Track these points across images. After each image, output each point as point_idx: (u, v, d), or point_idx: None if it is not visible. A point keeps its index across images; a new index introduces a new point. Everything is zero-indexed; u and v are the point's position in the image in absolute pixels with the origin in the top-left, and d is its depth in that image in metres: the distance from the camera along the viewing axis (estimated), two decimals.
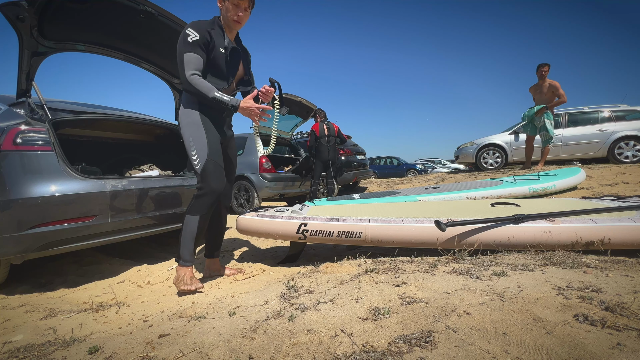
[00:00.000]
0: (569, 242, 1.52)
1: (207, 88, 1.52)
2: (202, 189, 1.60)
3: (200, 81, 1.52)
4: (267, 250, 2.53)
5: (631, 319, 0.76)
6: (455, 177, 5.93)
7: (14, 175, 1.57)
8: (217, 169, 1.61)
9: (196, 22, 1.58)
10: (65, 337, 1.09)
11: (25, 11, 1.64)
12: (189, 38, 1.52)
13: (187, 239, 1.60)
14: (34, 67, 1.86)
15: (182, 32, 1.55)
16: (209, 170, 1.59)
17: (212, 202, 1.61)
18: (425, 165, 16.17)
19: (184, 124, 1.64)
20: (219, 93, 1.53)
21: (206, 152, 1.59)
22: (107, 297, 1.68)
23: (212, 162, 1.60)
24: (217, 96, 1.52)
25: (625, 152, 5.54)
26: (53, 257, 2.24)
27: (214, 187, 1.60)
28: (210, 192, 1.59)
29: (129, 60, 2.37)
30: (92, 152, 2.95)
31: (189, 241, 1.60)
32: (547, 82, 4.88)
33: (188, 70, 1.52)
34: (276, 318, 0.97)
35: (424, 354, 0.71)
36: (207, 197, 1.59)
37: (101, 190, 1.80)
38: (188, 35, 1.52)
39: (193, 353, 0.82)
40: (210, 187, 1.59)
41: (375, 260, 1.57)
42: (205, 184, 1.59)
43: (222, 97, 1.53)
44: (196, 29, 1.54)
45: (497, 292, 0.98)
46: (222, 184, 1.63)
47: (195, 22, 1.59)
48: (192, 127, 1.62)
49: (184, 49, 1.53)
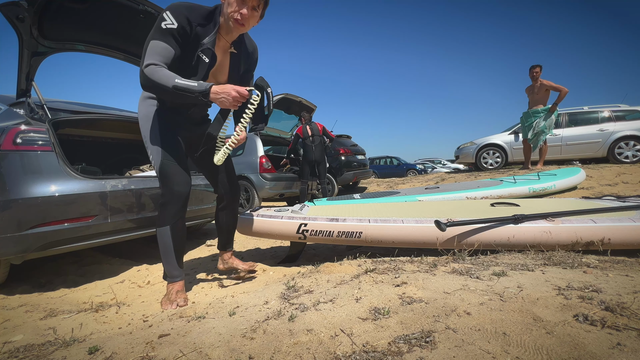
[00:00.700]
0: (569, 242, 1.52)
1: (165, 77, 1.19)
2: (164, 195, 1.40)
3: (156, 71, 1.20)
4: (267, 250, 2.53)
5: (631, 319, 0.76)
6: (455, 177, 5.93)
7: (13, 175, 1.56)
8: (176, 170, 1.41)
9: (180, 5, 1.26)
10: (65, 337, 1.09)
11: (25, 11, 1.64)
12: (163, 23, 1.23)
13: (165, 253, 1.43)
14: (33, 67, 1.86)
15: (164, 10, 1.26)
16: (166, 172, 1.39)
17: (178, 208, 1.42)
18: (425, 165, 16.18)
19: (140, 116, 1.44)
20: (181, 80, 1.19)
21: (160, 152, 1.40)
22: (107, 297, 1.68)
23: (169, 163, 1.40)
24: (180, 84, 1.18)
25: (625, 152, 5.54)
26: (53, 257, 2.24)
27: (176, 191, 1.40)
28: (174, 198, 1.40)
29: (129, 60, 2.37)
30: (92, 152, 2.95)
31: (168, 255, 1.43)
32: (540, 82, 4.93)
33: (147, 59, 1.22)
34: (276, 318, 0.97)
35: (424, 354, 0.71)
36: (172, 204, 1.40)
37: (101, 190, 1.80)
38: (163, 20, 1.23)
39: (193, 353, 0.82)
40: (172, 192, 1.40)
41: (375, 260, 1.57)
42: (166, 188, 1.40)
43: (185, 84, 1.18)
44: (175, 15, 1.24)
45: (497, 292, 0.98)
46: (185, 187, 1.43)
47: (179, 4, 1.27)
48: (146, 122, 1.42)
49: (152, 35, 1.24)
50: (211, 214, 2.61)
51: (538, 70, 4.91)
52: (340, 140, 6.15)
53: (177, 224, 1.43)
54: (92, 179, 1.80)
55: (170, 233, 1.42)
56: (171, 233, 1.42)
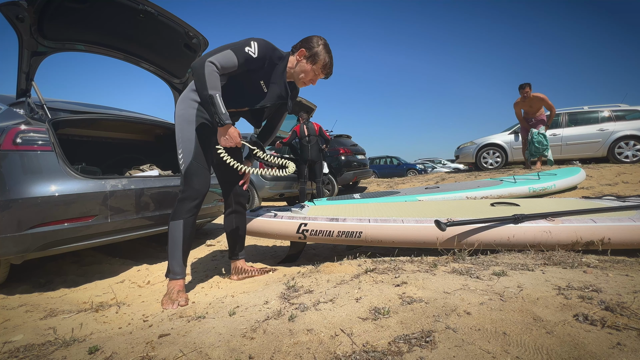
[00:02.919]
0: (569, 241, 1.52)
1: (212, 83, 1.33)
2: (184, 191, 1.50)
3: (213, 73, 1.34)
4: (267, 250, 2.53)
5: (631, 319, 0.76)
6: (455, 177, 5.93)
7: (13, 175, 1.56)
8: (201, 172, 1.52)
9: (267, 45, 1.46)
10: (65, 337, 1.09)
11: (24, 11, 1.64)
12: (247, 48, 1.41)
13: (172, 247, 1.49)
14: (33, 67, 1.86)
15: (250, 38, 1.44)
16: (191, 172, 1.50)
17: (194, 204, 1.51)
18: (425, 165, 16.18)
19: (176, 115, 1.54)
20: (218, 97, 1.34)
21: (191, 154, 1.49)
22: (107, 297, 1.68)
23: (197, 165, 1.50)
24: (215, 98, 1.33)
25: (625, 152, 5.54)
26: (53, 257, 2.24)
27: (197, 189, 1.50)
28: (193, 194, 1.50)
29: (128, 60, 2.37)
30: (92, 152, 2.95)
31: (175, 250, 1.49)
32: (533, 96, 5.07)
33: (216, 59, 1.36)
34: (276, 318, 0.97)
35: (424, 354, 0.71)
36: (189, 200, 1.50)
37: (101, 190, 1.80)
38: (249, 46, 1.42)
39: (193, 353, 0.82)
40: (192, 189, 1.50)
41: (375, 260, 1.57)
42: (187, 185, 1.50)
43: (218, 102, 1.33)
44: (261, 51, 1.44)
45: (497, 291, 0.98)
46: (205, 186, 1.53)
47: (266, 43, 1.47)
48: (183, 121, 1.52)
49: (233, 47, 1.40)
50: (211, 214, 2.61)
51: (528, 90, 5.07)
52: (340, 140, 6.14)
53: (189, 219, 1.51)
54: (92, 178, 1.80)
55: (182, 227, 1.49)
56: (183, 227, 1.49)
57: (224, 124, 1.37)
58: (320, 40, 1.56)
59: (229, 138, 1.42)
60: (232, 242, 1.80)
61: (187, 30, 2.13)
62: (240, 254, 1.81)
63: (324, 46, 1.56)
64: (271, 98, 1.58)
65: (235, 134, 1.42)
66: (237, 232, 1.78)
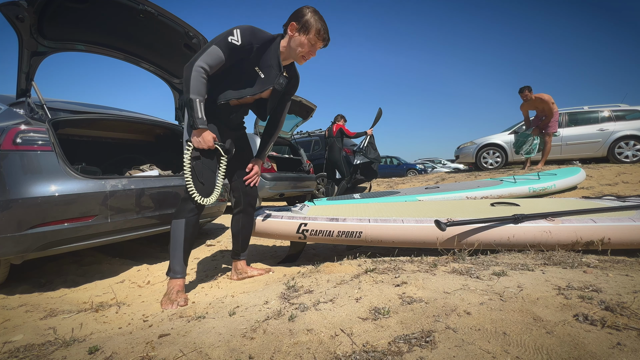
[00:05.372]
0: (569, 241, 1.52)
1: (196, 88, 1.37)
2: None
3: (198, 77, 1.37)
4: (267, 250, 2.53)
5: (631, 319, 0.76)
6: (455, 177, 5.93)
7: (13, 175, 1.56)
8: (205, 172, 1.53)
9: (251, 30, 1.44)
10: (65, 337, 1.09)
11: (24, 11, 1.64)
12: (230, 37, 1.40)
13: (174, 246, 1.50)
14: (33, 67, 1.86)
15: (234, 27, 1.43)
16: (197, 171, 1.51)
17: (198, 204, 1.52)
18: (425, 165, 16.18)
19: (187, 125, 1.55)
20: (198, 103, 1.38)
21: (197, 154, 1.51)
22: (107, 297, 1.68)
23: (202, 165, 1.52)
24: (195, 102, 1.37)
25: (625, 152, 5.55)
26: (53, 257, 2.24)
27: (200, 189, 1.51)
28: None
29: (128, 60, 2.37)
30: (92, 152, 2.95)
31: (177, 249, 1.49)
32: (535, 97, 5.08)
33: (202, 60, 1.38)
34: (276, 318, 0.97)
35: (424, 354, 0.71)
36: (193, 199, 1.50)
37: (101, 190, 1.80)
38: (231, 35, 1.40)
39: (193, 353, 0.82)
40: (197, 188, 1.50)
41: (375, 260, 1.57)
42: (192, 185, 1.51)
43: (197, 107, 1.38)
44: (244, 37, 1.42)
45: (497, 291, 0.98)
46: (210, 187, 1.55)
47: (250, 28, 1.44)
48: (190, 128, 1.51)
49: (217, 41, 1.40)
50: (211, 214, 2.61)
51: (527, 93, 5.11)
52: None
53: (191, 219, 1.52)
54: (92, 178, 1.80)
55: (184, 226, 1.50)
56: (185, 226, 1.50)
57: (198, 128, 1.42)
58: (308, 9, 1.50)
59: (202, 141, 1.46)
60: (236, 241, 1.80)
61: (187, 30, 2.13)
62: (242, 255, 1.82)
63: (313, 12, 1.49)
64: (269, 81, 1.55)
65: (208, 138, 1.46)
66: (242, 233, 1.79)
